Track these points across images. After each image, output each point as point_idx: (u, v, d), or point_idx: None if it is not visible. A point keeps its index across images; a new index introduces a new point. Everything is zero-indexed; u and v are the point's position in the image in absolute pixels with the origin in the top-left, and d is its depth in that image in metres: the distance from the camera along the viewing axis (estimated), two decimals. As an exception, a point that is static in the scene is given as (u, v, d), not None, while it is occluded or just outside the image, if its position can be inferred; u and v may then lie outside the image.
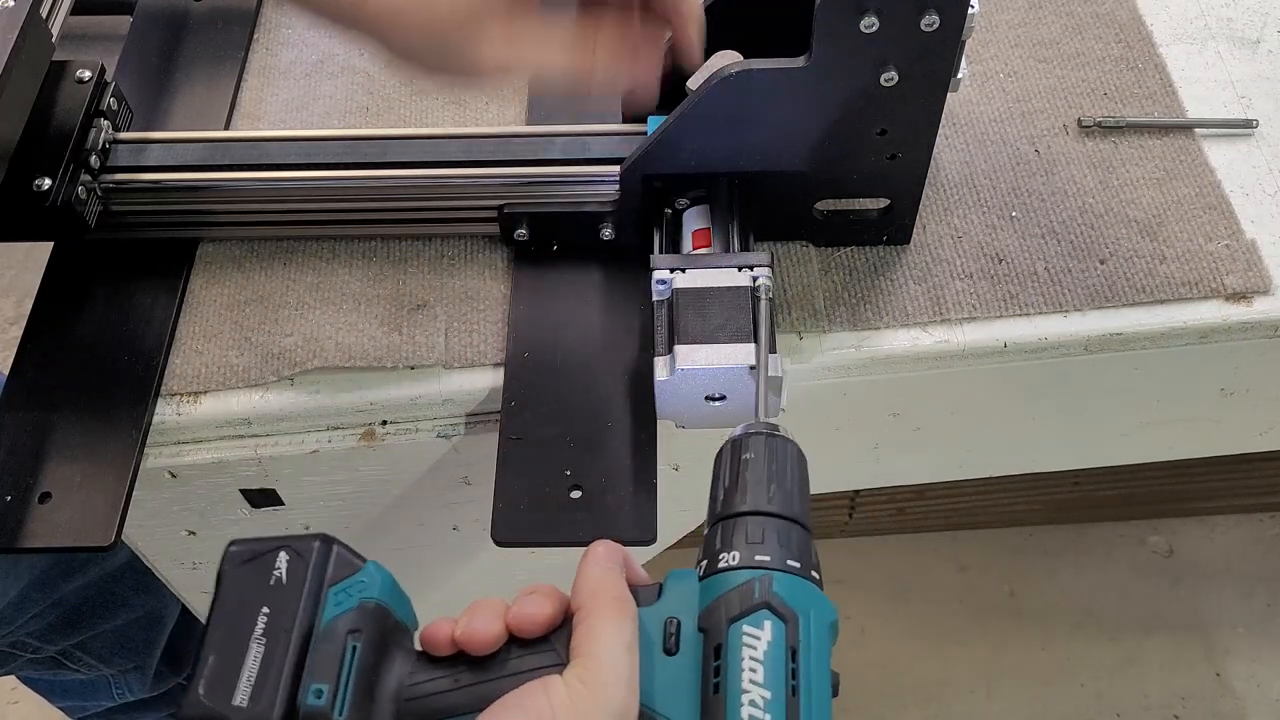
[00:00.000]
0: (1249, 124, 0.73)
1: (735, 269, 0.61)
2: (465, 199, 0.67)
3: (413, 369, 0.65)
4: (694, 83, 0.64)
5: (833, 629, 0.42)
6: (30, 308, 0.68)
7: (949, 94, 0.59)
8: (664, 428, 0.61)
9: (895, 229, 0.67)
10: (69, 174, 0.65)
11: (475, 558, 0.80)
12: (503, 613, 0.43)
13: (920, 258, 0.68)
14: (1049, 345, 0.66)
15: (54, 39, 0.66)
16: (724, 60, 0.60)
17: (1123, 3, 0.79)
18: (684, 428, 0.63)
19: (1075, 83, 0.75)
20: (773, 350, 0.59)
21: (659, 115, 0.64)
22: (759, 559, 0.42)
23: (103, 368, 0.65)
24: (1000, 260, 0.68)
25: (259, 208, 0.69)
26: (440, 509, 0.73)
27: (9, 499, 0.60)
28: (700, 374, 0.58)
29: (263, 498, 0.70)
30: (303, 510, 0.72)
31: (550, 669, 0.41)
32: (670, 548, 0.76)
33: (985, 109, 0.74)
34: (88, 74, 0.68)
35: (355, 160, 0.67)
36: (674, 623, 0.42)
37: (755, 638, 0.40)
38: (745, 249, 0.63)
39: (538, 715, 0.39)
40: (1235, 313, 0.66)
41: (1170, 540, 1.54)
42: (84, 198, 0.65)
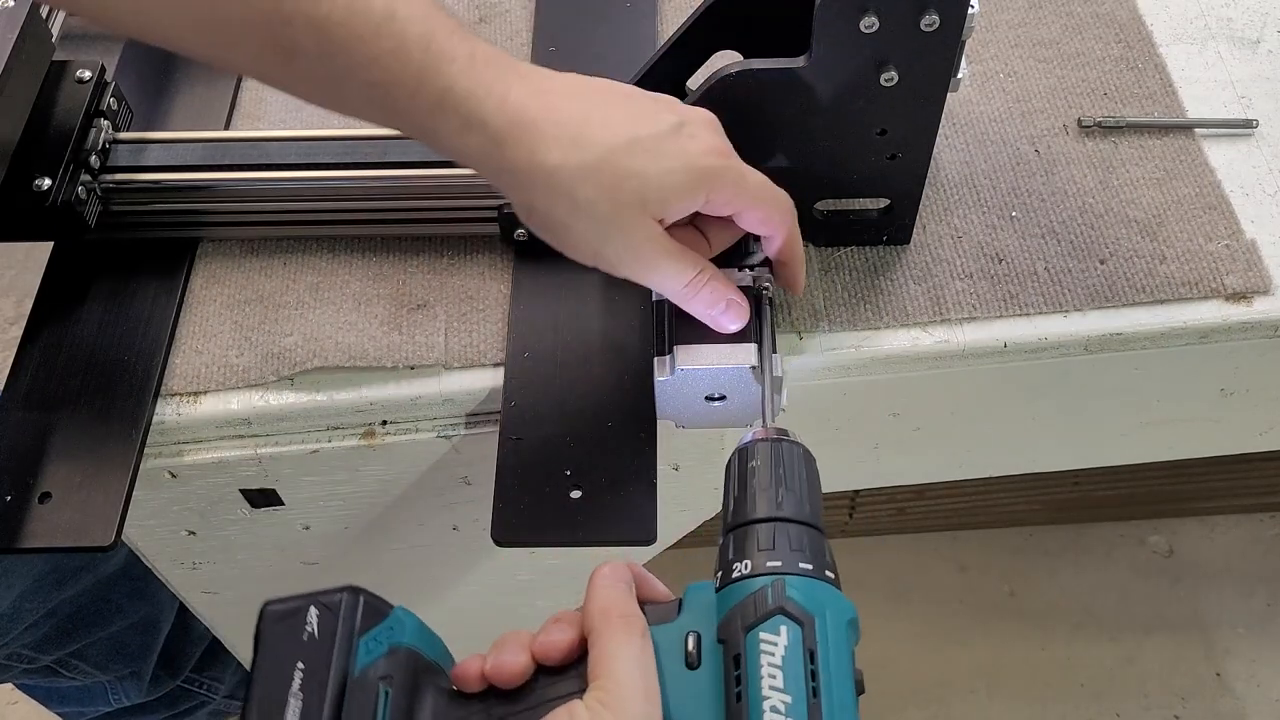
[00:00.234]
0: (1249, 124, 0.73)
1: (736, 269, 0.61)
2: (465, 199, 0.67)
3: (413, 369, 0.65)
4: (694, 82, 0.64)
5: (852, 627, 0.42)
6: (30, 308, 0.68)
7: (949, 94, 0.59)
8: (664, 428, 0.61)
9: (895, 229, 0.67)
10: (69, 174, 0.65)
11: (475, 558, 0.80)
12: (528, 644, 0.44)
13: (920, 258, 0.68)
14: (1049, 345, 0.66)
15: (54, 39, 0.66)
16: (724, 60, 0.60)
17: (1123, 3, 0.79)
18: (684, 428, 0.63)
19: (1075, 83, 0.75)
20: (773, 350, 0.59)
21: None
22: (770, 565, 0.43)
23: (103, 368, 0.65)
24: (1000, 260, 0.68)
25: (259, 208, 0.69)
26: (440, 509, 0.73)
27: (9, 499, 0.60)
28: (700, 374, 0.59)
29: (263, 498, 0.70)
30: (303, 510, 0.72)
31: (574, 695, 0.41)
32: (670, 548, 0.76)
33: (985, 109, 0.74)
34: (88, 74, 0.68)
35: (355, 160, 0.67)
36: (694, 637, 0.43)
37: (772, 643, 0.40)
38: (745, 249, 0.63)
39: None
40: (1235, 313, 0.66)
41: (1170, 540, 1.54)
42: (84, 198, 0.65)
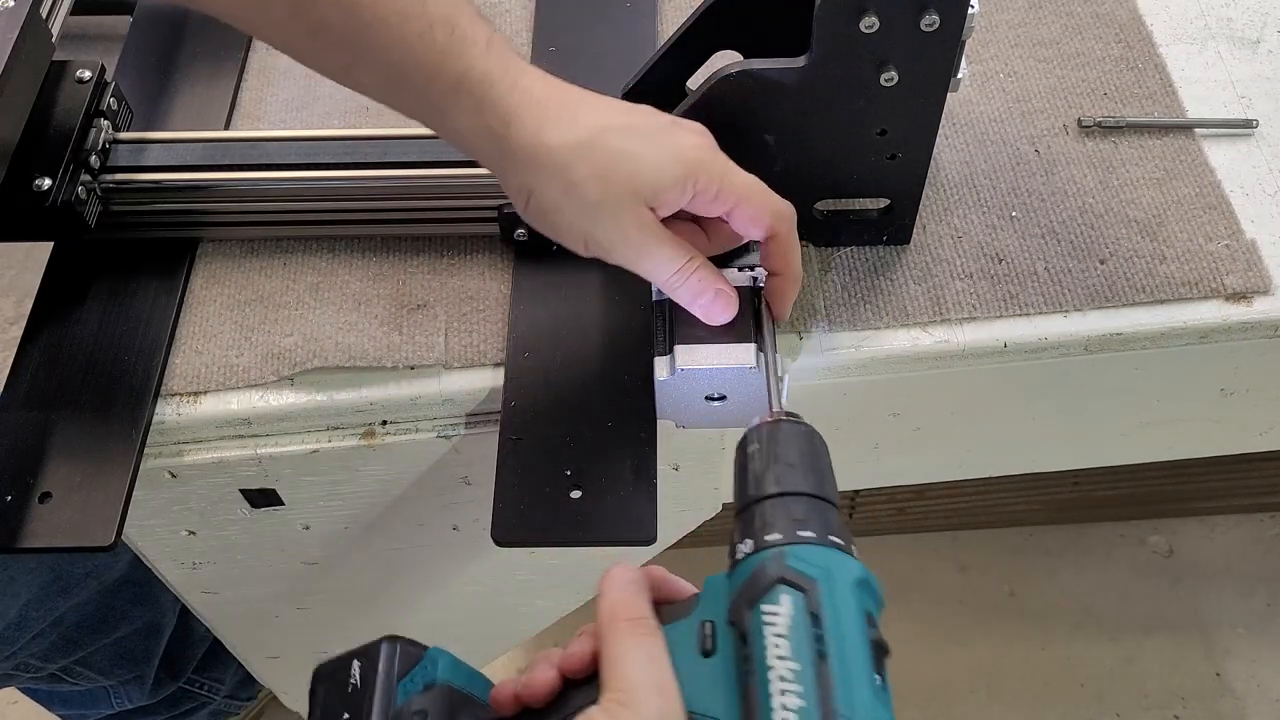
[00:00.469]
0: (1249, 124, 0.73)
1: (735, 269, 0.61)
2: (465, 199, 0.67)
3: (413, 369, 0.65)
4: (694, 82, 0.64)
5: (862, 587, 0.41)
6: (30, 308, 0.68)
7: (949, 94, 0.59)
8: (664, 428, 0.61)
9: (895, 229, 0.67)
10: (69, 174, 0.65)
11: (475, 558, 0.80)
12: (556, 660, 0.44)
13: (920, 258, 0.68)
14: (1049, 345, 0.66)
15: (54, 39, 0.66)
16: (724, 60, 0.60)
17: (1123, 3, 0.79)
18: (684, 428, 0.63)
19: (1075, 83, 0.75)
20: (774, 347, 0.59)
21: None
22: (769, 539, 0.43)
23: (103, 367, 0.65)
24: (1000, 260, 0.68)
25: (259, 208, 0.69)
26: (440, 509, 0.73)
27: (9, 499, 0.60)
28: (700, 374, 0.59)
29: (263, 498, 0.70)
30: (303, 510, 0.72)
31: (593, 703, 0.41)
32: (670, 548, 0.76)
33: (985, 109, 0.74)
34: (88, 74, 0.68)
35: (355, 160, 0.67)
36: (709, 625, 0.43)
37: (775, 614, 0.40)
38: (745, 249, 0.63)
39: None
40: (1235, 313, 0.66)
41: (1170, 540, 1.54)
42: (84, 198, 0.65)
